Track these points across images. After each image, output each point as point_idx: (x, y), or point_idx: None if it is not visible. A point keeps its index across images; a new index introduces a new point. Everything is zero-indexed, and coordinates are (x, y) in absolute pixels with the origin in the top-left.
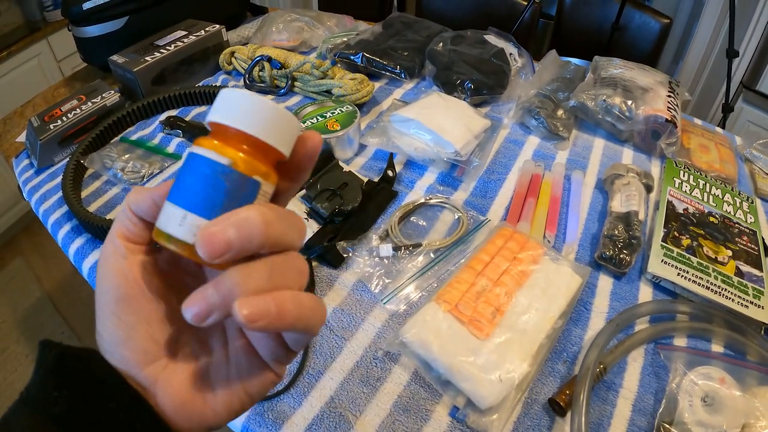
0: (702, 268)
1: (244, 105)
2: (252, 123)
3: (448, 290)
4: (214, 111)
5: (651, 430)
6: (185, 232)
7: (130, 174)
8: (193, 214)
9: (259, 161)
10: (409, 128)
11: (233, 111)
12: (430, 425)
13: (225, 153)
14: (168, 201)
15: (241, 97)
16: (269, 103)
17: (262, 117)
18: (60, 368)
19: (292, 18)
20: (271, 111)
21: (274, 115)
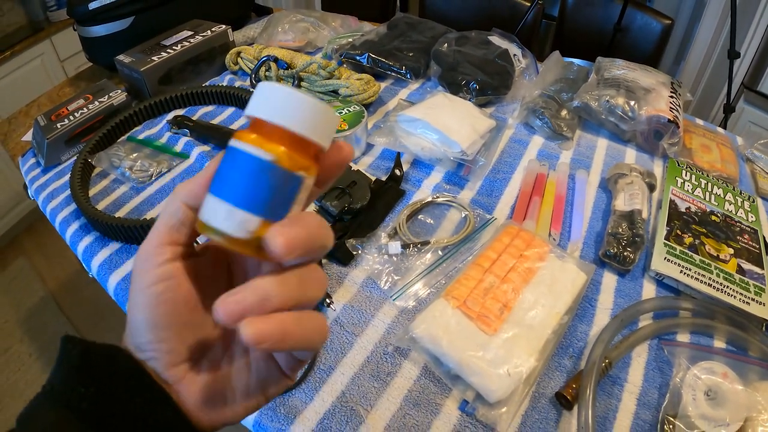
0: (704, 265)
1: (284, 100)
2: (294, 119)
3: (456, 287)
4: (254, 106)
5: (655, 423)
6: (233, 227)
7: (138, 173)
8: (239, 210)
9: (302, 156)
10: (416, 128)
11: (274, 106)
12: (440, 419)
13: (268, 149)
14: (211, 194)
15: (280, 92)
16: (308, 98)
17: (303, 112)
18: (85, 364)
19: (297, 18)
20: (310, 105)
21: (314, 110)
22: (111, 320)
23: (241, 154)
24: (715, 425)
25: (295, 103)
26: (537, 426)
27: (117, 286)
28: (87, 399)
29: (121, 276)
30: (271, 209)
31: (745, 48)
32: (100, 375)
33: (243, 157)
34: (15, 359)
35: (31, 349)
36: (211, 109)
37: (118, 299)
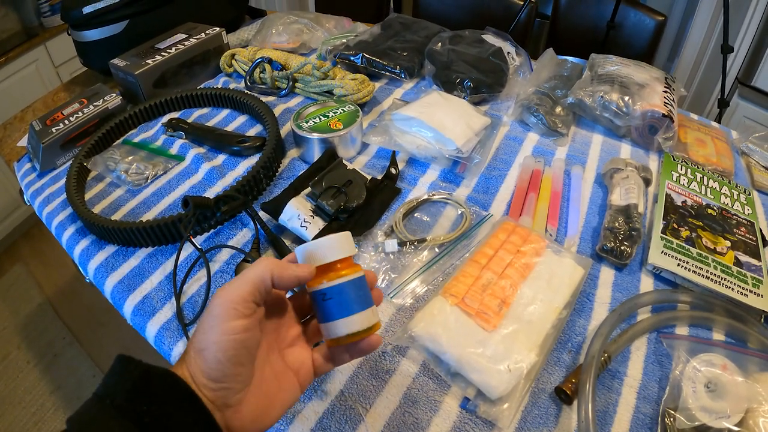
0: (701, 258)
1: (332, 243)
2: (340, 250)
3: (454, 284)
4: (322, 255)
5: (656, 416)
6: (363, 324)
7: (134, 176)
8: (363, 311)
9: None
10: (411, 126)
11: (332, 249)
12: (439, 416)
13: (354, 271)
14: (336, 319)
15: (329, 241)
16: (337, 235)
17: (341, 244)
18: (146, 384)
19: (291, 20)
20: (342, 237)
21: (344, 238)
22: (109, 326)
23: (346, 284)
24: (716, 417)
25: (336, 241)
26: (537, 421)
27: (114, 289)
28: (149, 415)
29: (117, 279)
30: (365, 303)
31: (738, 43)
32: (161, 395)
33: (349, 283)
34: (13, 366)
35: (29, 356)
36: (206, 111)
37: (115, 302)
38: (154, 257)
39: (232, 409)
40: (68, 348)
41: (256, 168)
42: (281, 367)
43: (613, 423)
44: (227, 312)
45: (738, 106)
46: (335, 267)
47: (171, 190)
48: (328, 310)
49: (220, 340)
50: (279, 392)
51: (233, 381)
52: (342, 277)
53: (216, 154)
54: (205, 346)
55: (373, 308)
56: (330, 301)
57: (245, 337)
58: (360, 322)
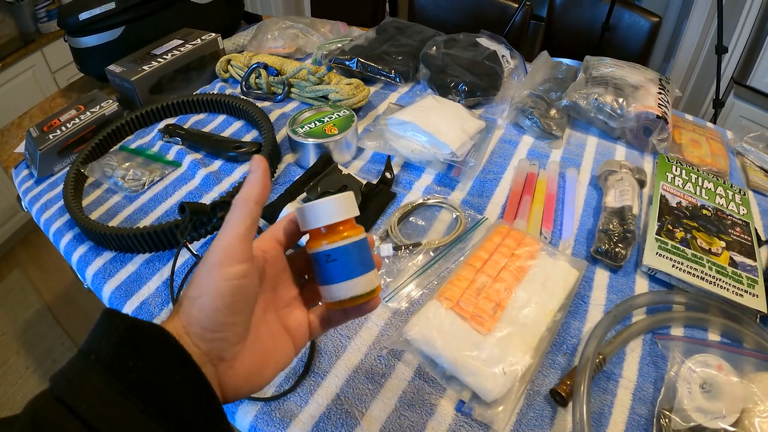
0: (696, 259)
1: (334, 204)
2: (343, 212)
3: (449, 288)
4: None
5: (651, 418)
6: (366, 287)
7: (130, 182)
8: (366, 274)
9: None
10: (406, 131)
11: (332, 211)
12: (435, 419)
13: (355, 233)
14: (336, 282)
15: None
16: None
17: (346, 205)
18: (133, 339)
19: (286, 25)
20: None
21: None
22: None
23: (350, 245)
24: (711, 418)
25: (338, 202)
26: (533, 424)
27: (111, 294)
28: (135, 371)
29: (115, 285)
30: (368, 266)
31: (733, 43)
32: (148, 350)
33: (353, 245)
34: (12, 372)
35: (28, 362)
36: (202, 117)
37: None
38: (152, 263)
39: (226, 364)
40: (67, 353)
41: None
42: (277, 327)
43: (609, 424)
44: (225, 256)
45: (734, 106)
46: (338, 228)
47: (168, 196)
48: (331, 272)
49: (217, 285)
50: (274, 352)
51: (229, 331)
52: (346, 239)
53: (212, 159)
54: (201, 293)
55: (375, 270)
56: (333, 263)
57: (244, 283)
58: (363, 284)
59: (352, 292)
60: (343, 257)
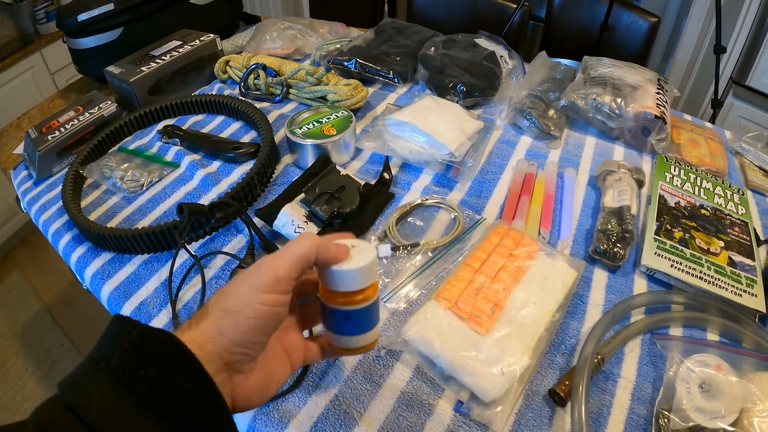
0: (695, 259)
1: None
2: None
3: (447, 288)
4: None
5: (650, 418)
6: (370, 341)
7: (129, 183)
8: (373, 329)
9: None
10: (404, 131)
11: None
12: (433, 419)
13: (374, 294)
14: (342, 336)
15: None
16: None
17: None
18: (144, 348)
19: (285, 26)
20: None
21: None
22: None
23: (369, 307)
24: (710, 418)
25: (367, 269)
26: (531, 424)
27: (110, 295)
28: (147, 381)
29: (114, 285)
30: (377, 320)
31: (732, 43)
32: (159, 359)
33: (371, 306)
34: (12, 374)
35: (27, 364)
36: (201, 118)
37: (111, 308)
38: (150, 264)
39: (242, 377)
40: (67, 355)
41: (250, 174)
42: (279, 347)
43: (607, 425)
44: (272, 284)
45: (733, 106)
46: (360, 291)
47: (166, 197)
48: (345, 327)
49: (260, 308)
50: (278, 369)
51: (253, 348)
52: (365, 302)
53: (211, 160)
54: (239, 309)
55: (379, 323)
56: (350, 320)
57: (279, 312)
58: (370, 337)
59: (361, 344)
60: (359, 317)
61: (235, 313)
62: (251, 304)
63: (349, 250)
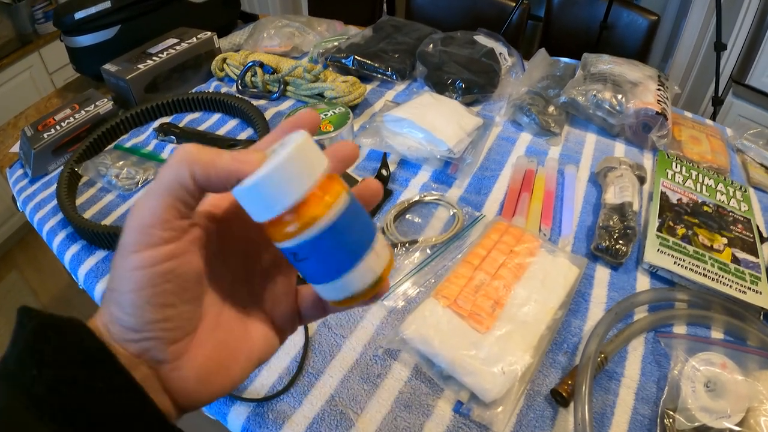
0: (698, 256)
1: (294, 168)
2: (318, 164)
3: (446, 285)
4: (270, 200)
5: (654, 417)
6: (348, 290)
7: (124, 181)
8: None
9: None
10: (402, 128)
11: (294, 180)
12: (432, 420)
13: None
14: (316, 285)
15: (287, 169)
16: (296, 151)
17: (310, 159)
18: (40, 342)
19: (282, 24)
20: (305, 147)
21: (308, 148)
22: None
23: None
24: (716, 417)
25: (296, 164)
26: (533, 425)
27: (103, 293)
28: (42, 383)
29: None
30: (368, 231)
31: (732, 41)
32: (59, 354)
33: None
34: None
35: None
36: (197, 115)
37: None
38: None
39: (169, 366)
40: None
41: None
42: (248, 306)
43: (611, 425)
44: (141, 237)
45: (732, 105)
46: (300, 210)
47: None
48: (306, 272)
49: (133, 276)
50: (244, 340)
51: (160, 330)
52: (312, 224)
53: None
54: (117, 285)
55: (374, 249)
56: (304, 262)
57: (170, 268)
58: (359, 278)
59: (350, 291)
60: (315, 253)
61: (113, 291)
62: (125, 275)
63: (262, 157)
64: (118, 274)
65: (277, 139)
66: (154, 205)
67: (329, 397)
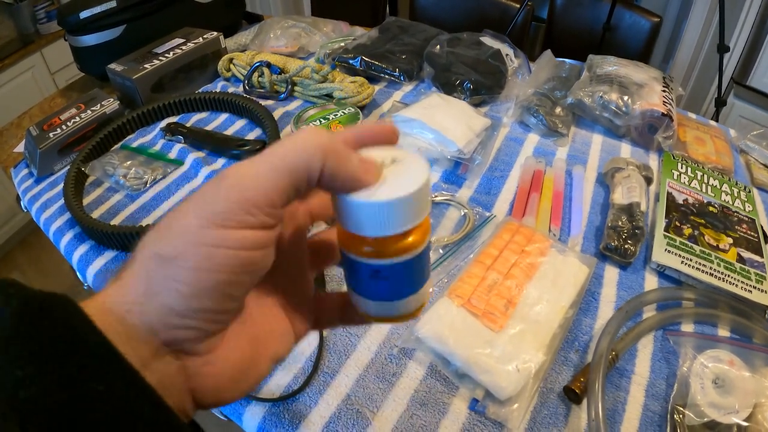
0: (705, 255)
1: (414, 205)
2: (426, 206)
3: (459, 285)
4: (386, 223)
5: (665, 414)
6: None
7: (132, 180)
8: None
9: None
10: (412, 128)
11: (409, 214)
12: (448, 418)
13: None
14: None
15: (410, 203)
16: (405, 197)
17: (424, 200)
18: (23, 330)
19: (289, 24)
20: (424, 189)
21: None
22: None
23: (413, 260)
24: (725, 413)
25: (415, 203)
26: (547, 421)
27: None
28: (26, 385)
29: None
30: (425, 277)
31: (733, 43)
32: (47, 347)
33: (416, 259)
34: None
35: None
36: (204, 115)
37: None
38: None
39: (200, 359)
40: None
41: None
42: (274, 302)
43: (623, 421)
44: (235, 212)
45: (734, 106)
46: (399, 238)
47: (170, 194)
48: (375, 288)
49: (209, 253)
50: (270, 336)
51: (208, 320)
52: (405, 253)
53: (215, 158)
54: (178, 253)
55: (429, 281)
56: (381, 280)
57: (256, 258)
58: (414, 303)
59: (397, 312)
60: (396, 276)
61: (171, 261)
62: (199, 249)
63: (380, 169)
64: (183, 242)
65: (365, 141)
66: (267, 182)
67: (345, 396)
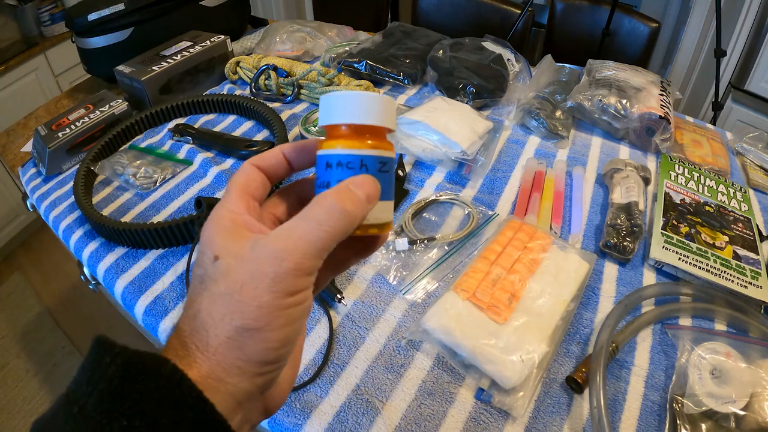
0: (701, 252)
1: (376, 103)
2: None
3: (465, 279)
4: (339, 114)
5: (664, 403)
6: (388, 216)
7: (142, 179)
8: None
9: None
10: (417, 130)
11: (371, 110)
12: (455, 407)
13: (384, 148)
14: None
15: (349, 98)
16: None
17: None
18: (127, 387)
19: (294, 29)
20: (387, 101)
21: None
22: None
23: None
24: (722, 402)
25: (377, 102)
26: (550, 410)
27: (124, 290)
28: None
29: (128, 280)
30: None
31: (731, 48)
32: (149, 404)
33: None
34: (12, 375)
35: (28, 365)
36: (212, 117)
37: (125, 303)
38: (165, 258)
39: (275, 388)
40: (68, 357)
41: None
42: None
43: (623, 410)
44: (298, 277)
45: (732, 110)
46: (364, 133)
47: (180, 193)
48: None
49: (290, 314)
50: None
51: (288, 355)
52: (370, 149)
53: (224, 158)
54: (264, 324)
55: (390, 203)
56: (348, 170)
57: (311, 300)
58: (388, 210)
59: (380, 216)
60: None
61: (259, 331)
62: (278, 313)
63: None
64: (266, 312)
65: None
66: (317, 249)
67: (355, 386)
